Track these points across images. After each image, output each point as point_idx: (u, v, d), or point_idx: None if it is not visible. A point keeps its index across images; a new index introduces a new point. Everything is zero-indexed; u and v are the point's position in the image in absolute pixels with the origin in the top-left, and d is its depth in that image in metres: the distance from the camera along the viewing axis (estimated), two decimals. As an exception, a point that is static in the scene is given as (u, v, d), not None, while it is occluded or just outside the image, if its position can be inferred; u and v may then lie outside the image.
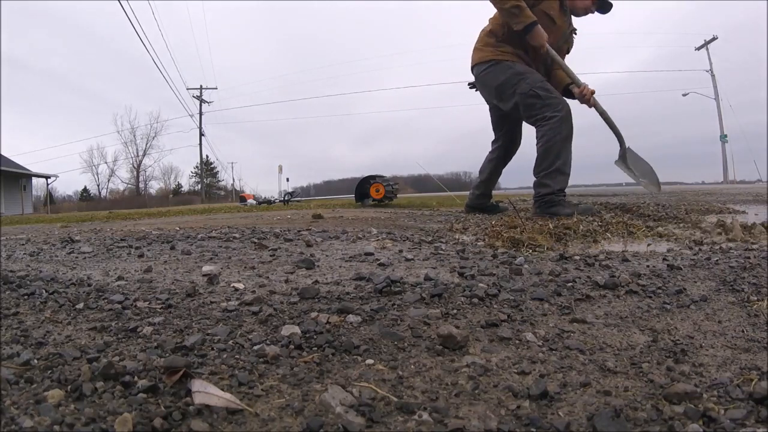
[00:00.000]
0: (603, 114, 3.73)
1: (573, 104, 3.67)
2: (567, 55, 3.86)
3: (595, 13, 3.74)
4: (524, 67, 3.54)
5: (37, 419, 0.59)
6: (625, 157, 3.92)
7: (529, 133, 3.83)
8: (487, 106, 4.13)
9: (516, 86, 3.49)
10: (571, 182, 3.86)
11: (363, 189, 7.19)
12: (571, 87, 3.70)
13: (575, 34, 3.89)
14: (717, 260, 1.63)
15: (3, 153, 24.11)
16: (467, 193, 5.02)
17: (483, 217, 3.93)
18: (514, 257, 1.78)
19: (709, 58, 29.96)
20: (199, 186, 42.35)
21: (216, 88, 38.98)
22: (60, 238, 2.83)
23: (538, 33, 3.34)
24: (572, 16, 3.76)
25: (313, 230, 2.98)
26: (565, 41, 3.76)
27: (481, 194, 4.48)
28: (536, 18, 3.32)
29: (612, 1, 3.65)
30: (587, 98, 3.61)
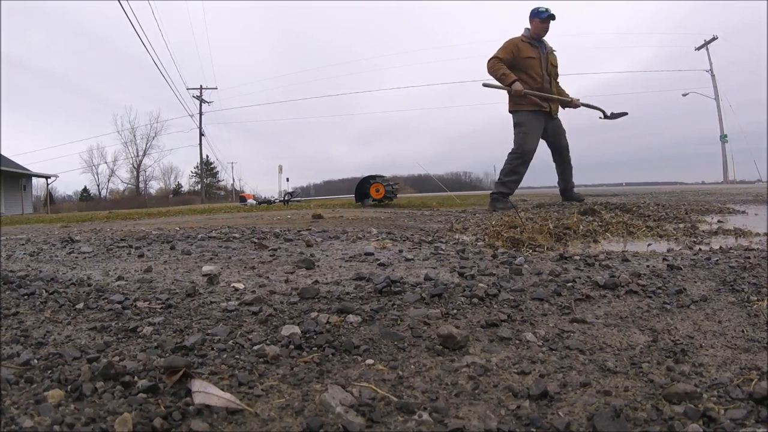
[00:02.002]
0: (587, 106, 5.48)
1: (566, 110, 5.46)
2: (556, 67, 5.40)
3: (547, 26, 5.21)
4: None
5: (37, 419, 0.59)
6: (609, 115, 5.64)
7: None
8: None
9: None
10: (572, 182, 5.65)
11: (363, 189, 7.19)
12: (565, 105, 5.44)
13: (554, 51, 5.43)
14: (717, 260, 1.63)
15: (3, 153, 24.13)
16: (467, 193, 5.45)
17: (483, 217, 3.93)
18: (514, 257, 1.78)
19: (709, 58, 29.93)
20: (199, 186, 42.33)
21: (216, 88, 39.00)
22: (60, 238, 2.83)
23: (516, 87, 5.05)
24: (544, 40, 5.27)
25: (313, 230, 2.98)
26: (546, 65, 5.23)
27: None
28: (516, 77, 5.04)
29: (554, 13, 5.17)
30: (576, 105, 5.40)
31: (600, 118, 5.63)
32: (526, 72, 5.15)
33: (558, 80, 5.42)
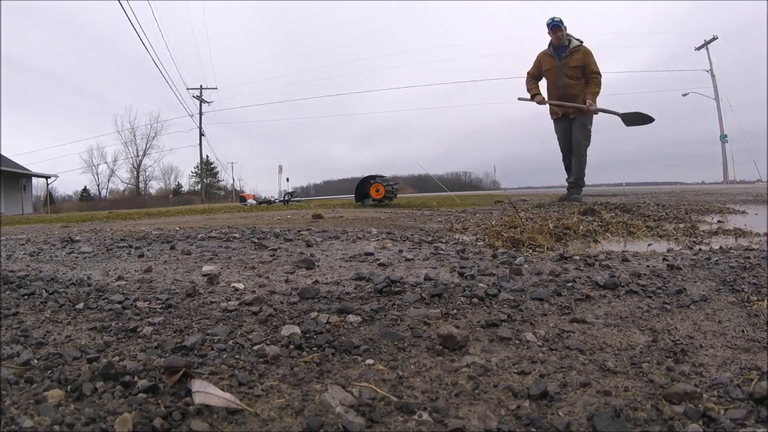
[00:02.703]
0: (603, 110, 5.75)
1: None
2: (580, 67, 5.74)
3: (559, 33, 5.75)
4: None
5: (37, 419, 0.59)
6: (626, 117, 5.85)
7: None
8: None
9: None
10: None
11: (363, 189, 7.19)
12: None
13: (579, 47, 5.74)
14: (717, 260, 1.63)
15: (3, 153, 24.11)
16: (467, 193, 5.54)
17: (483, 217, 3.93)
18: (514, 257, 1.78)
19: (709, 58, 29.88)
20: (199, 186, 42.29)
21: (216, 88, 38.98)
22: (60, 238, 2.83)
23: (536, 99, 5.99)
24: (564, 47, 5.75)
25: (313, 230, 2.98)
26: (562, 71, 5.77)
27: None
28: (537, 91, 5.99)
29: (558, 19, 5.71)
30: (593, 111, 5.71)
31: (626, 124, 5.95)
32: (547, 82, 6.03)
33: (591, 75, 5.82)
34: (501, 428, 0.59)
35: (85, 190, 49.92)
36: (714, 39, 29.77)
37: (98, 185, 49.31)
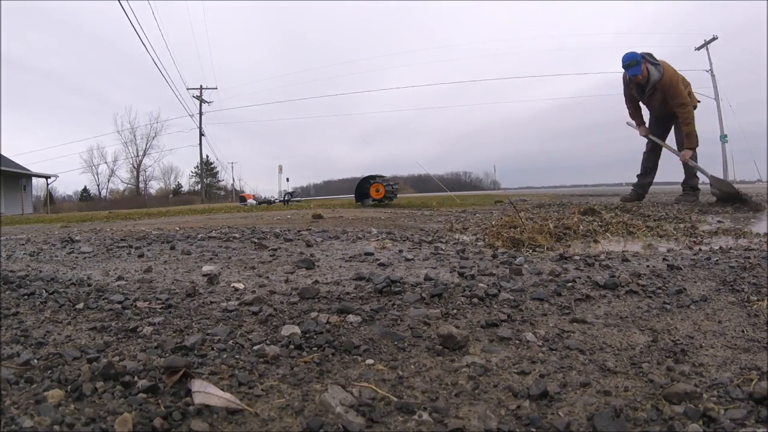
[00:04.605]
0: (696, 167, 5.46)
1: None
2: (663, 100, 5.31)
3: (639, 77, 5.27)
4: None
5: (37, 419, 0.59)
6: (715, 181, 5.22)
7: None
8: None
9: None
10: (571, 182, 6.23)
11: (363, 189, 7.19)
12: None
13: (659, 74, 5.25)
14: (717, 260, 1.63)
15: (3, 153, 24.10)
16: (467, 193, 5.43)
17: (483, 217, 3.93)
18: (514, 257, 1.78)
19: (709, 58, 29.78)
20: (199, 186, 42.27)
21: (216, 88, 38.97)
22: (60, 238, 2.83)
23: (641, 131, 5.76)
24: (651, 83, 5.28)
25: (313, 230, 2.98)
26: (653, 105, 5.46)
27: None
28: (641, 120, 5.72)
29: (632, 60, 5.22)
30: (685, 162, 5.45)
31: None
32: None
33: (677, 109, 5.55)
34: (501, 428, 0.59)
35: (85, 190, 49.95)
36: (714, 39, 29.71)
37: (98, 185, 49.35)
